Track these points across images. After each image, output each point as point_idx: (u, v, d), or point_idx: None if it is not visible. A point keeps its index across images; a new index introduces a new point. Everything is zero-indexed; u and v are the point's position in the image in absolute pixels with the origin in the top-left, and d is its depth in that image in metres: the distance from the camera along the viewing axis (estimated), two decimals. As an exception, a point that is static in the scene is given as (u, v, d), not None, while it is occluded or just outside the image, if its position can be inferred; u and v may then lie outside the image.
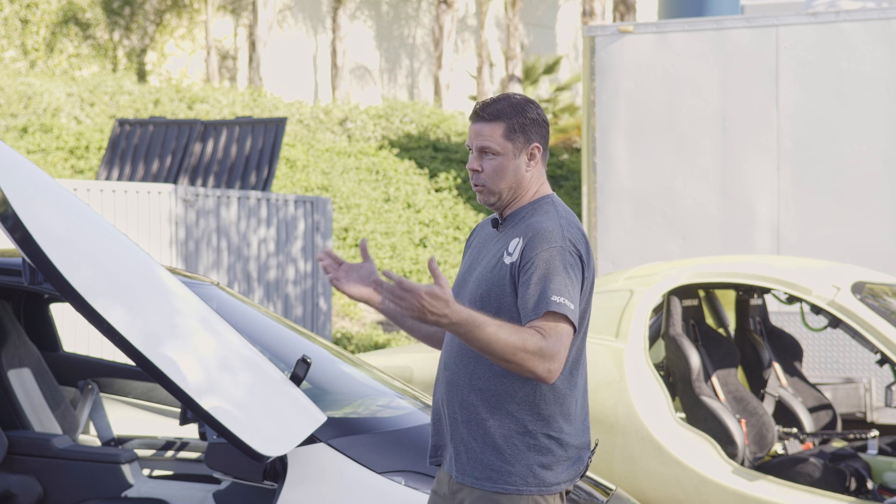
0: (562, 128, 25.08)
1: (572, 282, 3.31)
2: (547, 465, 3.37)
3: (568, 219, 3.42)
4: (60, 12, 26.10)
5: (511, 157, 3.45)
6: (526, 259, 3.33)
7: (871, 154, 9.50)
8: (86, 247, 4.08)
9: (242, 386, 4.14)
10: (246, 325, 5.10)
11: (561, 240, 3.34)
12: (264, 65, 26.78)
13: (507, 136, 3.45)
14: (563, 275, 3.29)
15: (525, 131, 3.45)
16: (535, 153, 3.46)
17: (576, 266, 3.34)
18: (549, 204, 3.46)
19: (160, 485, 5.25)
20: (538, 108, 3.50)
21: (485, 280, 3.41)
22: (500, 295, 3.37)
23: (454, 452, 3.44)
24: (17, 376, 5.51)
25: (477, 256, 3.52)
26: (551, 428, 3.37)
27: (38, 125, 19.70)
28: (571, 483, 3.44)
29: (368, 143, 22.43)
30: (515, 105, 3.47)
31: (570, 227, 3.38)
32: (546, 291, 3.27)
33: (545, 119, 3.50)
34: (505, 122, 3.45)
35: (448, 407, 3.45)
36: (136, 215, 12.32)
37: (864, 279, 6.72)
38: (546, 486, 3.37)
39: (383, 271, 3.34)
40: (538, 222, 3.38)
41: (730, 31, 9.89)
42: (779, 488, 6.18)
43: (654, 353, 7.05)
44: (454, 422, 3.43)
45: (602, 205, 10.11)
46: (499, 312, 3.35)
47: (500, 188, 3.46)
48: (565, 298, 3.26)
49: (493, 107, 3.46)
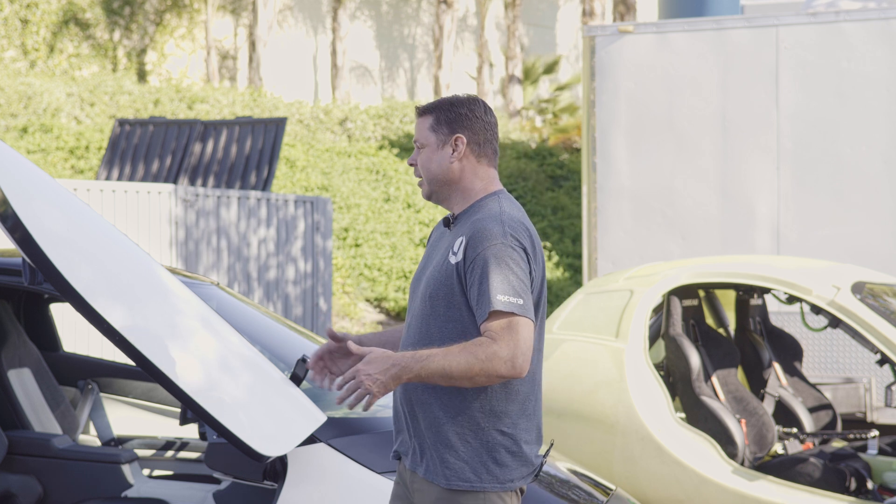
0: (562, 128, 25.08)
1: (517, 276, 3.33)
2: (500, 461, 3.40)
3: (511, 213, 3.44)
4: (60, 12, 26.10)
5: (435, 148, 3.52)
6: (469, 259, 3.38)
7: (872, 154, 9.50)
8: (86, 247, 4.08)
9: (242, 386, 4.14)
10: (246, 325, 5.10)
11: (501, 236, 3.36)
12: (264, 65, 26.79)
13: (431, 128, 3.53)
14: (505, 271, 3.33)
15: (450, 123, 3.51)
16: (459, 145, 3.49)
17: (519, 260, 3.36)
18: (494, 201, 3.49)
19: (160, 485, 5.25)
20: (476, 105, 3.53)
21: (433, 279, 3.46)
22: (448, 294, 3.41)
23: (411, 447, 3.49)
24: (17, 376, 5.51)
25: (430, 255, 3.58)
26: (503, 424, 3.40)
27: (38, 125, 19.70)
28: (526, 480, 3.46)
29: (368, 143, 22.43)
30: (449, 100, 3.54)
31: (511, 222, 3.41)
32: (489, 291, 3.31)
33: (481, 116, 3.52)
34: (432, 115, 3.53)
35: (404, 404, 3.50)
36: (136, 215, 12.31)
37: (864, 279, 6.72)
38: (500, 482, 3.40)
39: (328, 332, 3.46)
40: (479, 220, 3.42)
41: (730, 31, 9.89)
42: (779, 488, 6.18)
43: (654, 353, 7.05)
44: (412, 418, 3.48)
45: (602, 205, 10.11)
46: (448, 309, 3.41)
47: (429, 180, 3.54)
48: (509, 295, 3.30)
49: (429, 103, 3.57)
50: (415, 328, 3.49)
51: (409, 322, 3.54)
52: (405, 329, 3.56)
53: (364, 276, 18.38)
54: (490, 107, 3.58)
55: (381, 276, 18.43)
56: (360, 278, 18.33)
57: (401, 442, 3.55)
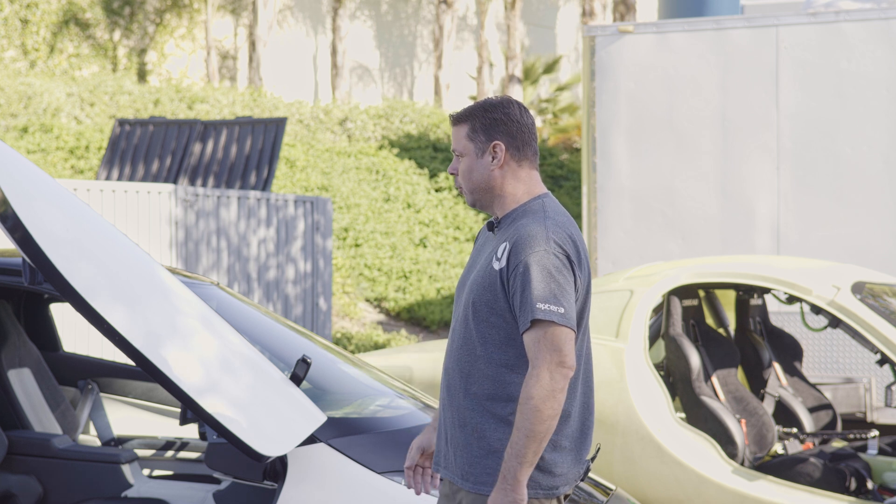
0: (562, 128, 25.08)
1: (559, 284, 3.29)
2: (543, 468, 3.36)
3: (556, 219, 3.39)
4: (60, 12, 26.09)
5: (474, 157, 3.47)
6: (512, 265, 3.33)
7: (872, 154, 9.50)
8: (86, 247, 4.08)
9: (242, 386, 4.14)
10: (246, 325, 5.10)
11: (545, 243, 3.32)
12: (264, 65, 26.78)
13: (468, 137, 3.48)
14: (547, 279, 3.28)
15: (486, 130, 3.45)
16: (498, 151, 3.44)
17: (563, 268, 3.31)
18: (539, 205, 3.44)
19: (160, 485, 5.25)
20: (511, 107, 3.47)
21: (477, 285, 3.41)
22: (491, 300, 3.37)
23: (453, 456, 3.44)
24: (17, 376, 5.51)
25: (475, 259, 3.53)
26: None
27: (38, 125, 19.69)
28: (570, 486, 3.42)
29: (368, 143, 22.43)
30: (483, 105, 3.48)
31: (556, 229, 3.36)
32: (530, 299, 3.27)
33: (517, 118, 3.46)
34: (468, 124, 3.48)
35: (446, 411, 3.47)
36: (136, 215, 12.31)
37: (864, 279, 6.72)
38: (543, 489, 3.37)
39: (416, 446, 3.67)
40: (523, 226, 3.37)
41: (730, 31, 9.89)
42: (779, 488, 6.18)
43: (654, 353, 7.05)
44: (452, 425, 3.44)
45: (602, 205, 10.11)
46: (491, 315, 3.37)
47: (471, 189, 3.49)
48: (550, 304, 3.26)
49: (463, 110, 3.51)
50: (458, 333, 3.45)
51: (454, 327, 3.49)
52: (450, 334, 3.50)
53: (364, 276, 18.38)
54: (525, 107, 3.51)
55: (381, 276, 18.42)
56: (360, 278, 18.33)
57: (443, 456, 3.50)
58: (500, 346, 3.36)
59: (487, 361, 3.38)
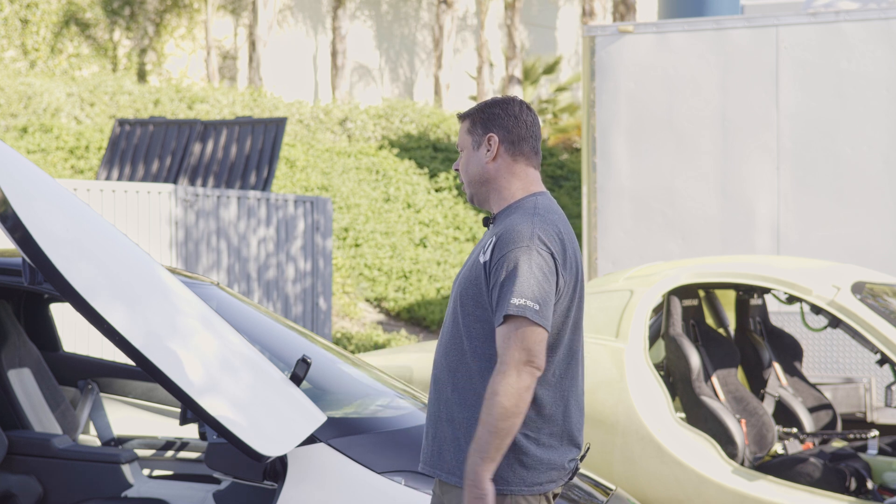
0: (562, 128, 25.08)
1: (538, 281, 3.28)
2: (527, 464, 3.36)
3: (545, 217, 3.39)
4: (60, 12, 26.09)
5: (472, 150, 3.51)
6: (494, 259, 3.34)
7: (872, 154, 9.50)
8: (86, 247, 4.08)
9: (242, 386, 4.14)
10: (246, 325, 5.10)
11: (528, 239, 3.31)
12: (264, 65, 26.78)
13: (468, 131, 3.53)
14: (526, 275, 3.28)
15: (484, 124, 3.49)
16: (492, 143, 3.47)
17: (544, 265, 3.31)
18: (531, 202, 3.44)
19: (160, 485, 5.25)
20: (512, 104, 3.49)
21: (464, 279, 3.44)
22: (476, 294, 3.39)
23: (439, 452, 3.44)
24: (17, 376, 5.51)
25: (470, 254, 3.55)
26: (527, 427, 3.36)
27: (38, 125, 19.69)
28: (556, 484, 3.42)
29: (368, 143, 22.42)
30: (485, 102, 3.53)
31: (543, 225, 3.36)
32: (507, 294, 3.27)
33: (515, 114, 3.48)
34: (469, 119, 3.53)
35: (432, 405, 3.48)
36: (136, 215, 12.31)
37: (864, 279, 6.72)
38: (528, 485, 3.37)
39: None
40: (511, 221, 3.38)
41: (730, 31, 9.89)
42: (779, 488, 6.18)
43: (654, 353, 7.05)
44: (438, 420, 3.45)
45: (602, 205, 10.11)
46: (476, 309, 3.38)
47: (468, 182, 3.53)
48: (527, 299, 3.25)
49: (469, 108, 3.55)
50: (447, 328, 3.46)
51: (444, 321, 3.51)
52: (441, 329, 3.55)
53: (364, 276, 18.38)
54: (529, 106, 3.52)
55: (380, 276, 18.42)
56: (359, 278, 18.33)
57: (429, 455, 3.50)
58: (485, 341, 3.36)
59: (474, 355, 3.38)
